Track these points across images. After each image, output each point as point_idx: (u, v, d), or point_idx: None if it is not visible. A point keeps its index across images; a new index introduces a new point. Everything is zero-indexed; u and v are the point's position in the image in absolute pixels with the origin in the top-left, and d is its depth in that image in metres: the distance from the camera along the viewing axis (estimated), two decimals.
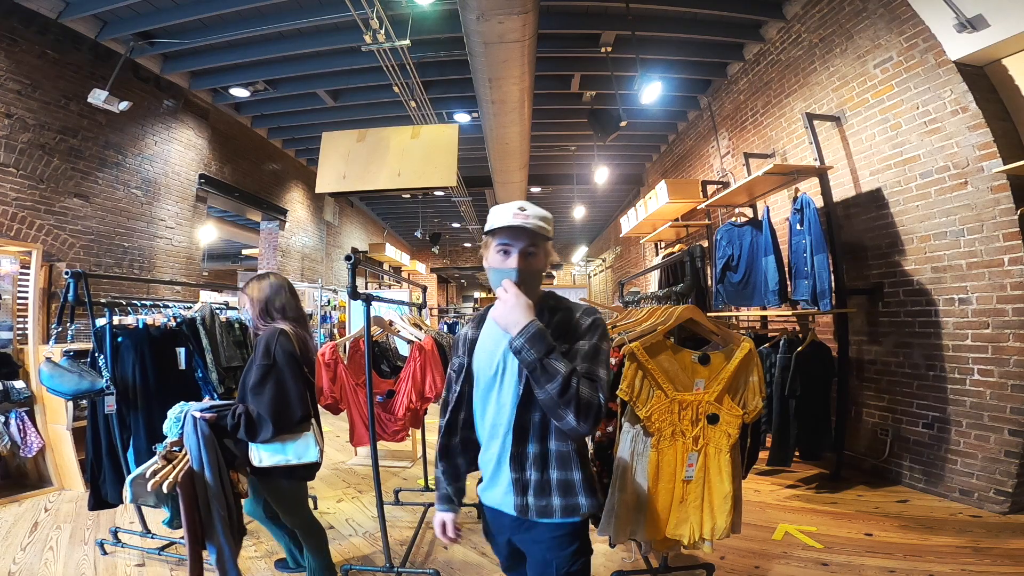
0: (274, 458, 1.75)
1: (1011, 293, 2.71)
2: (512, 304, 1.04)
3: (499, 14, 3.62)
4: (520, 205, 1.12)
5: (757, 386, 1.70)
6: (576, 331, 1.14)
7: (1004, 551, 2.31)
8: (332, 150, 4.89)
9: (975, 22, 2.76)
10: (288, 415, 1.76)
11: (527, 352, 1.00)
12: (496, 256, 1.14)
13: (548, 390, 0.99)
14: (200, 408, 1.63)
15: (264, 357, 1.73)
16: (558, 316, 1.17)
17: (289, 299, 1.98)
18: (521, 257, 1.12)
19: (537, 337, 1.01)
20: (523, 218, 1.10)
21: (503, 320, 1.05)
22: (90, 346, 2.56)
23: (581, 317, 1.16)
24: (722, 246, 4.23)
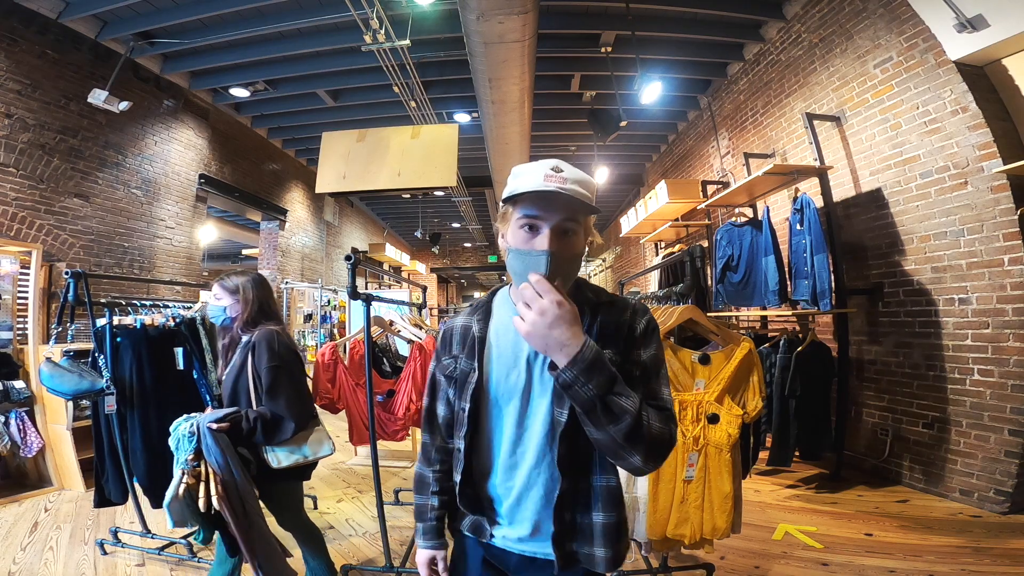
0: (292, 457, 1.75)
1: (1011, 293, 2.71)
2: (552, 316, 0.73)
3: (499, 14, 3.62)
4: (555, 164, 0.82)
5: (757, 386, 1.70)
6: (629, 336, 0.88)
7: (1004, 551, 2.31)
8: (332, 150, 4.89)
9: (975, 22, 2.76)
10: (307, 412, 1.79)
11: (582, 388, 0.74)
12: (518, 232, 0.84)
13: (610, 432, 0.76)
14: (211, 419, 1.60)
15: (272, 359, 1.71)
16: (601, 315, 0.90)
17: (275, 301, 1.95)
18: (555, 236, 0.81)
19: (595, 367, 0.74)
20: (559, 181, 0.80)
21: (539, 340, 0.75)
22: (90, 346, 2.56)
23: (632, 316, 0.90)
24: (722, 246, 4.23)
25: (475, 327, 0.96)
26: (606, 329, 0.88)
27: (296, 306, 7.76)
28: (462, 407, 0.93)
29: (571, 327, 0.74)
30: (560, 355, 0.74)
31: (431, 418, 1.04)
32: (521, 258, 0.83)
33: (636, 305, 0.94)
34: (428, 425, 1.05)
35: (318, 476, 3.79)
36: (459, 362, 0.96)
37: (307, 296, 8.07)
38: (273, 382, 1.69)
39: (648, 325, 0.91)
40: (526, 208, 0.83)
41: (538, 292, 0.75)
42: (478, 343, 0.94)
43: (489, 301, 1.01)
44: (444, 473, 1.04)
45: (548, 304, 0.73)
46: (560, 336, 0.73)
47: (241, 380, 1.75)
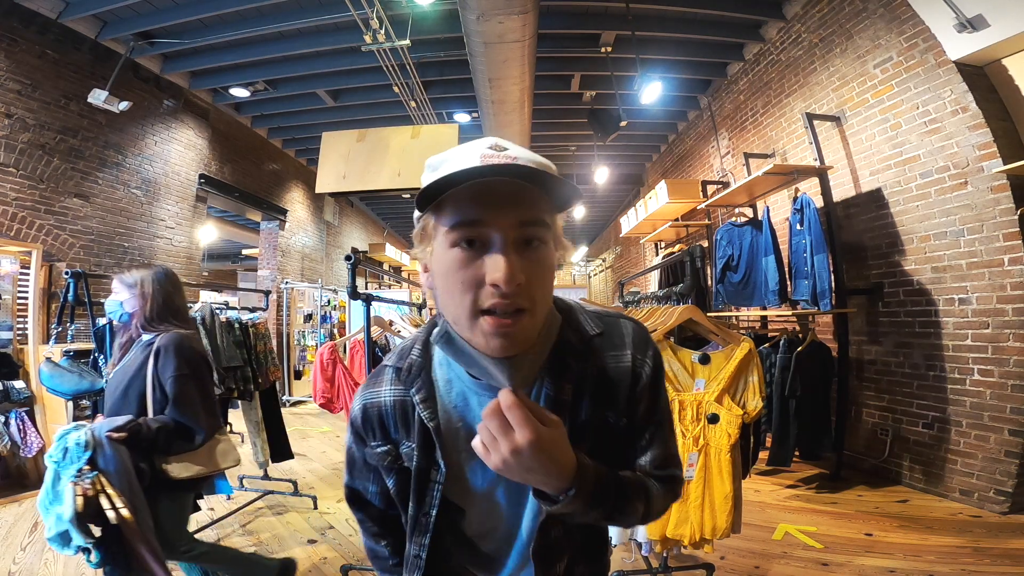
0: (193, 468, 1.61)
1: (1011, 293, 2.71)
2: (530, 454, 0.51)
3: (499, 14, 3.62)
4: (494, 141, 0.56)
5: (757, 386, 1.70)
6: (633, 387, 0.66)
7: (1004, 551, 2.31)
8: (332, 150, 4.88)
9: (975, 22, 2.76)
10: (215, 423, 1.67)
11: (584, 516, 0.59)
12: (447, 256, 0.55)
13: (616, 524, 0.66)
14: (109, 428, 1.46)
15: (180, 367, 1.57)
16: (593, 362, 0.65)
17: (184, 300, 1.79)
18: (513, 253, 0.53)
19: (598, 496, 0.57)
20: (506, 159, 0.53)
21: (517, 476, 0.54)
22: (90, 346, 2.56)
23: (636, 354, 0.67)
24: (722, 246, 4.23)
25: (420, 410, 0.66)
26: (603, 384, 0.65)
27: (296, 306, 7.76)
28: (425, 512, 0.68)
29: (556, 462, 0.53)
30: (547, 489, 0.56)
31: (356, 497, 0.80)
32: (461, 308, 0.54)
33: (636, 336, 0.68)
34: (355, 503, 0.81)
35: (318, 476, 3.79)
36: (404, 452, 0.68)
37: (307, 296, 8.07)
38: (180, 392, 1.58)
39: (657, 365, 0.68)
40: (460, 209, 0.53)
41: (509, 411, 0.51)
42: (435, 435, 0.65)
43: (423, 362, 0.69)
44: (399, 541, 0.78)
45: (524, 444, 0.50)
46: (543, 475, 0.53)
47: (135, 383, 1.61)
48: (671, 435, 0.71)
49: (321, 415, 6.29)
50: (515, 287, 0.51)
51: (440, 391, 0.67)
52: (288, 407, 6.86)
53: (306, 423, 5.92)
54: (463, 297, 0.54)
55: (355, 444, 0.74)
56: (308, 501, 3.16)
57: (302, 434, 5.28)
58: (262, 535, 2.72)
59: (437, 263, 0.57)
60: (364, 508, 0.80)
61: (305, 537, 2.70)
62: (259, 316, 3.26)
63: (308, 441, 4.98)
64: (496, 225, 0.52)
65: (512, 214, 0.53)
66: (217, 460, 1.68)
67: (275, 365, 3.27)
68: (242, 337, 2.98)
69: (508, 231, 0.53)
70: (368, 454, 0.73)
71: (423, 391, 0.66)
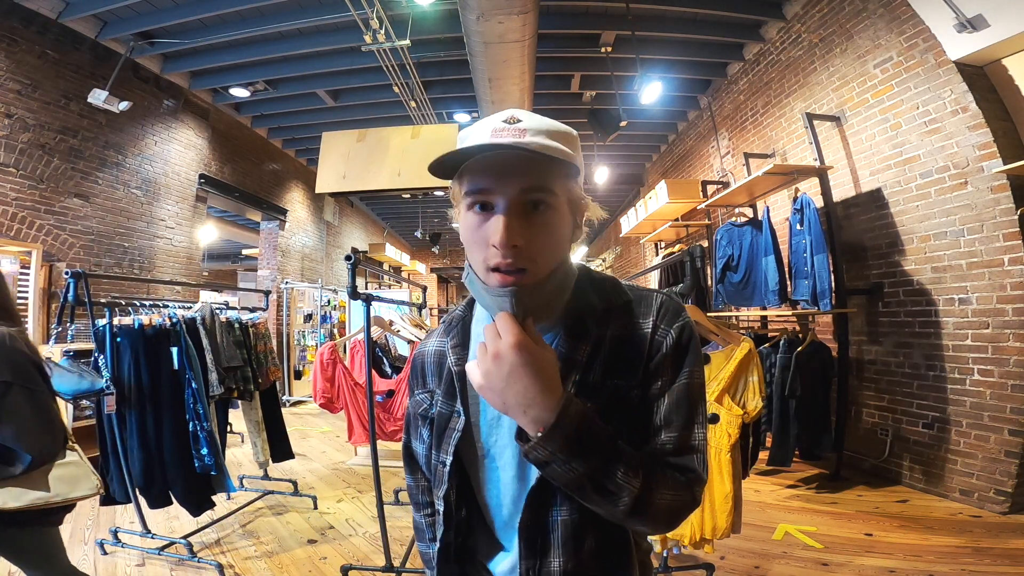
0: (26, 498, 1.31)
1: (1011, 293, 2.71)
2: (511, 364, 0.53)
3: (499, 14, 3.62)
4: (511, 114, 0.62)
5: (757, 386, 1.70)
6: (652, 357, 0.64)
7: (1004, 551, 2.31)
8: (332, 150, 4.88)
9: (975, 22, 2.76)
10: (51, 442, 1.38)
11: (562, 468, 0.55)
12: (467, 216, 0.62)
13: (604, 508, 0.58)
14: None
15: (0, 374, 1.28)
16: (613, 327, 0.65)
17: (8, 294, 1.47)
18: (515, 216, 0.58)
19: (579, 441, 0.54)
20: (514, 134, 0.58)
21: (495, 396, 0.56)
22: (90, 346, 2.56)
23: (659, 324, 0.65)
24: (722, 246, 4.23)
25: (450, 357, 0.71)
26: (619, 350, 0.64)
27: (296, 306, 7.76)
28: (442, 460, 0.69)
29: (538, 380, 0.53)
30: (525, 420, 0.55)
31: (410, 458, 0.84)
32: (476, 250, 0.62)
33: (665, 305, 0.66)
34: (408, 465, 0.85)
35: (318, 476, 3.79)
36: (435, 401, 0.73)
37: (307, 296, 8.07)
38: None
39: (682, 337, 0.64)
40: (473, 178, 0.60)
41: (498, 331, 0.55)
42: (457, 380, 0.69)
43: (465, 316, 0.75)
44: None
45: (505, 347, 0.53)
46: (522, 393, 0.53)
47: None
48: (695, 423, 0.64)
49: (321, 415, 6.29)
50: (511, 249, 0.57)
51: (473, 342, 0.72)
52: (288, 407, 6.86)
53: (306, 423, 5.92)
54: (478, 254, 0.61)
55: (410, 397, 0.80)
56: (308, 501, 3.17)
57: (302, 434, 5.28)
58: (262, 535, 2.72)
59: (460, 223, 0.64)
60: (414, 472, 0.84)
61: (305, 537, 2.71)
62: (259, 316, 3.26)
63: (308, 441, 4.98)
64: (501, 192, 0.59)
65: (515, 182, 0.58)
66: (64, 487, 1.38)
67: (275, 365, 3.27)
68: (242, 337, 2.97)
69: (512, 197, 0.58)
70: (413, 403, 0.78)
71: (457, 338, 0.73)
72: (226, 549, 2.55)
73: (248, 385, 2.93)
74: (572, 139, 0.64)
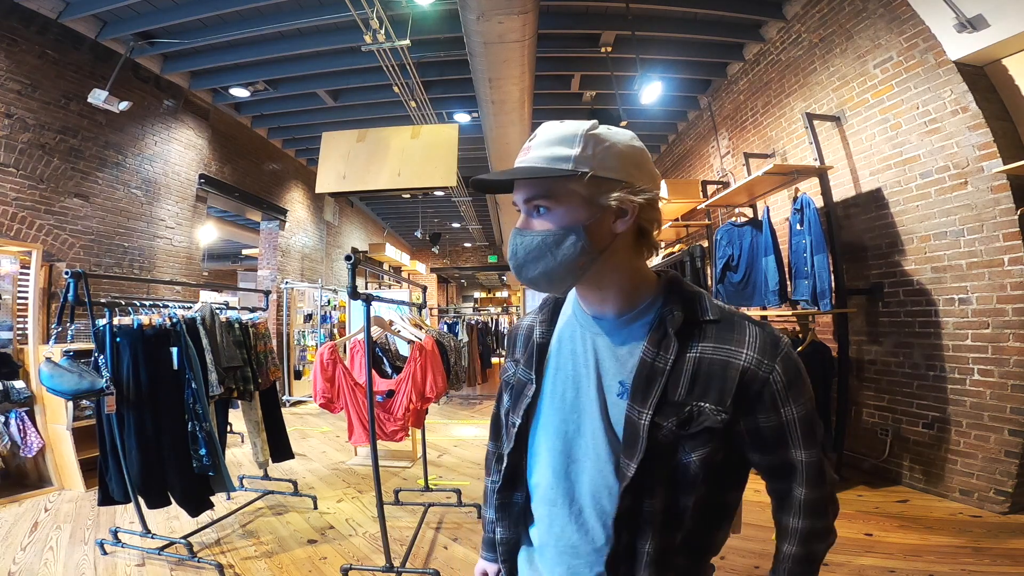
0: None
1: (1011, 293, 2.71)
2: None
3: (499, 14, 3.62)
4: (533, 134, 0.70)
5: None
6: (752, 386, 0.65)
7: (1004, 551, 2.31)
8: (332, 150, 4.89)
9: (975, 22, 2.76)
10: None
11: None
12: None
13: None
14: None
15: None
16: (702, 346, 0.67)
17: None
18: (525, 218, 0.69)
19: None
20: (523, 153, 0.68)
21: None
22: (90, 346, 2.56)
23: (756, 356, 0.65)
24: (722, 246, 4.22)
25: (537, 330, 0.80)
26: (707, 371, 0.66)
27: (296, 306, 7.76)
28: (512, 422, 0.78)
29: None
30: None
31: (495, 425, 0.92)
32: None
33: (761, 340, 0.66)
34: (492, 431, 0.94)
35: (318, 476, 3.79)
36: (519, 369, 0.82)
37: (307, 296, 8.07)
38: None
39: (788, 378, 0.65)
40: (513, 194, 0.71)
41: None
42: (537, 351, 0.78)
43: (558, 298, 0.83)
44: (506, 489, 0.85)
45: None
46: None
47: None
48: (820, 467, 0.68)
49: (321, 415, 6.29)
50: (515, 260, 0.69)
51: (560, 321, 0.80)
52: (288, 407, 6.86)
53: (306, 423, 5.91)
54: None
55: (505, 369, 0.88)
56: (308, 501, 3.17)
57: (302, 434, 5.28)
58: (262, 535, 2.72)
59: None
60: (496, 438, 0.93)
61: (305, 537, 2.71)
62: (259, 316, 3.26)
63: (308, 441, 4.98)
64: (519, 203, 0.70)
65: (521, 194, 0.69)
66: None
67: (275, 365, 3.27)
68: (242, 337, 2.97)
69: (521, 206, 0.70)
70: (502, 370, 0.89)
71: (546, 314, 0.82)
72: (226, 549, 2.55)
73: (248, 385, 2.93)
74: (595, 139, 0.66)
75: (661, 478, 0.66)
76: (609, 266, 0.69)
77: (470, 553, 2.50)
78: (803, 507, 0.69)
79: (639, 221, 0.68)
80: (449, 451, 4.55)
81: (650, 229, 0.70)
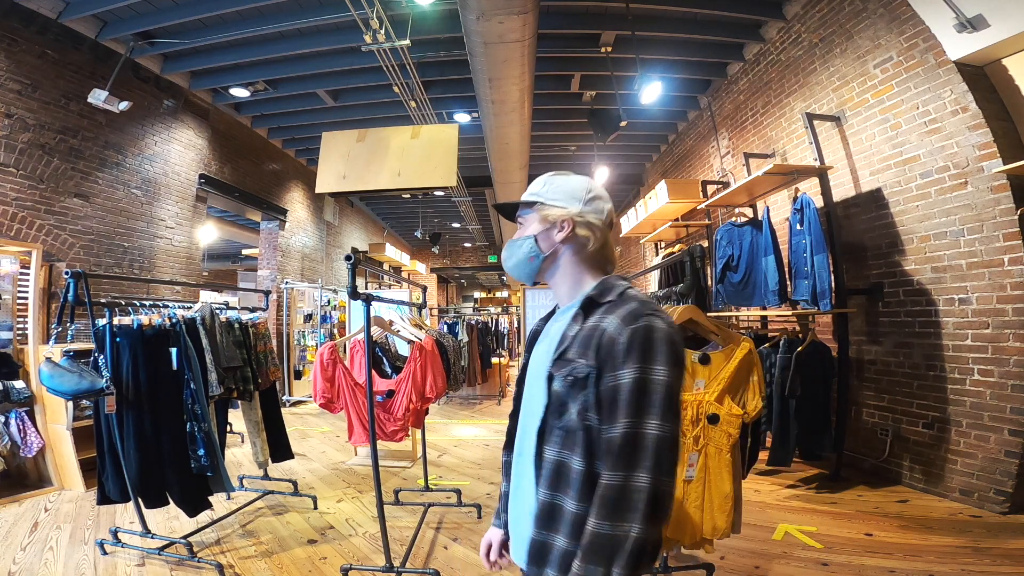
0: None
1: (1011, 293, 2.71)
2: None
3: (499, 14, 3.62)
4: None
5: (757, 386, 1.70)
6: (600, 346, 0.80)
7: (1004, 551, 2.31)
8: (332, 150, 4.89)
9: (975, 22, 2.76)
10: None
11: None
12: None
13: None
14: None
15: None
16: (595, 316, 0.86)
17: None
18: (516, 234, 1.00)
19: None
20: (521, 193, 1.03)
21: None
22: (90, 346, 2.56)
23: (615, 322, 0.80)
24: (722, 246, 4.22)
25: (536, 324, 1.07)
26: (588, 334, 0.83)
27: (296, 306, 7.76)
28: (515, 392, 1.06)
29: None
30: None
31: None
32: None
33: (629, 310, 0.81)
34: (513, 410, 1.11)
35: (318, 476, 3.79)
36: (525, 353, 1.07)
37: (307, 296, 8.07)
38: None
39: (631, 340, 0.77)
40: None
41: None
42: (530, 336, 1.04)
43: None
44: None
45: None
46: None
47: None
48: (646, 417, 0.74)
49: (321, 415, 6.29)
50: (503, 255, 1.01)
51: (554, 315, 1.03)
52: (288, 407, 6.86)
53: (306, 423, 5.91)
54: None
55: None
56: (308, 501, 3.17)
57: (302, 434, 5.28)
58: (262, 535, 2.72)
59: None
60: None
61: (305, 537, 2.71)
62: (259, 316, 3.26)
63: (308, 441, 4.98)
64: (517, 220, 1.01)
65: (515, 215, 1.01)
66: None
67: (275, 365, 3.27)
68: (242, 337, 2.97)
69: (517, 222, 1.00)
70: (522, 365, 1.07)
71: (547, 313, 1.06)
72: (226, 549, 2.55)
73: (248, 385, 2.93)
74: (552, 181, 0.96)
75: (555, 427, 0.84)
76: (556, 268, 0.95)
77: (470, 553, 2.50)
78: (599, 496, 0.74)
79: (576, 234, 0.92)
80: (449, 451, 4.55)
81: (586, 242, 0.92)
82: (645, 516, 0.70)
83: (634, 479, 0.71)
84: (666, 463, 0.73)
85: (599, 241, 0.92)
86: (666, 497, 0.73)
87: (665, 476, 0.72)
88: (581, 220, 0.92)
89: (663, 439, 0.73)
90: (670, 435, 0.74)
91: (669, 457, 0.73)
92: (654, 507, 0.71)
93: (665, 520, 0.73)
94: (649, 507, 0.70)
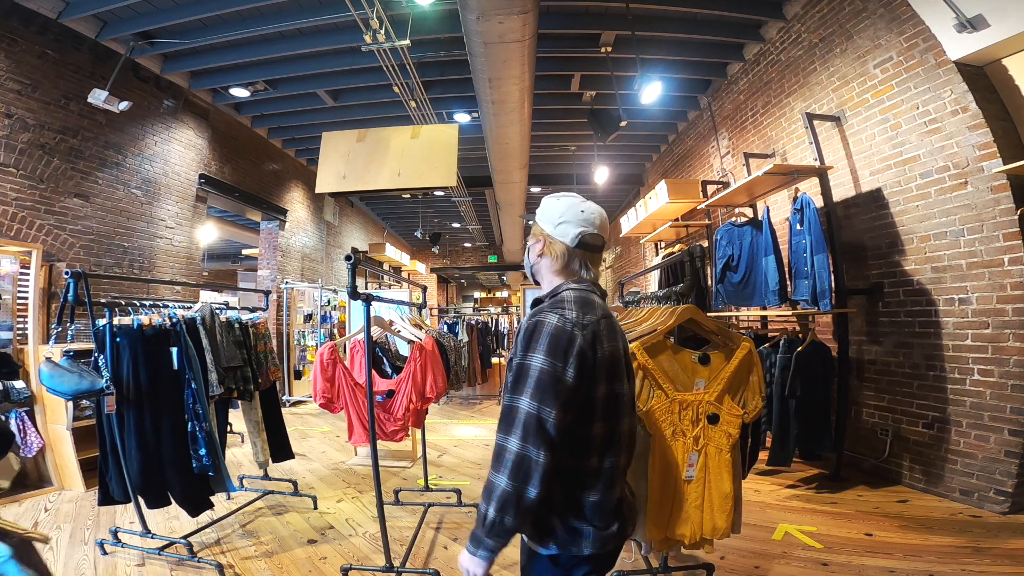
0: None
1: (1011, 293, 2.71)
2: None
3: (499, 14, 3.62)
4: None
5: (757, 386, 1.70)
6: (516, 341, 1.04)
7: (1004, 551, 2.31)
8: (332, 150, 4.89)
9: (975, 22, 2.76)
10: None
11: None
12: None
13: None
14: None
15: None
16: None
17: None
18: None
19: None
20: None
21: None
22: (90, 346, 2.55)
23: (526, 320, 1.04)
24: (722, 246, 4.22)
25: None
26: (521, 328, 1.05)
27: (296, 306, 7.76)
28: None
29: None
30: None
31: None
32: None
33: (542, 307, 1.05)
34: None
35: (318, 476, 3.79)
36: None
37: (307, 296, 8.06)
38: None
39: (529, 323, 1.01)
40: None
41: None
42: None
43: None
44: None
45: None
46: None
47: None
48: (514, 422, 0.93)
49: (321, 415, 6.29)
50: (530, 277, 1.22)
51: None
52: (288, 407, 6.86)
53: (306, 423, 5.91)
54: None
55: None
56: (308, 501, 3.17)
57: (302, 434, 5.28)
58: (262, 535, 2.72)
59: None
60: None
61: (305, 537, 2.71)
62: (259, 316, 3.25)
63: (308, 441, 4.98)
64: None
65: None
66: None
67: (275, 365, 3.27)
68: (242, 337, 2.97)
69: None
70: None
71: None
72: (226, 549, 2.55)
73: (248, 385, 2.93)
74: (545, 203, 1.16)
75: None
76: (539, 274, 1.18)
77: None
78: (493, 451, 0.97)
79: (547, 251, 1.14)
80: (449, 451, 4.55)
81: (553, 258, 1.13)
82: (511, 473, 0.90)
83: (507, 442, 0.92)
84: (532, 435, 0.91)
85: (563, 258, 1.12)
86: (531, 463, 0.90)
87: (531, 446, 0.90)
88: (551, 240, 1.13)
89: (530, 415, 0.92)
90: (536, 412, 0.92)
91: (536, 431, 0.91)
92: (518, 468, 0.90)
93: (532, 485, 0.89)
94: (514, 467, 0.90)
